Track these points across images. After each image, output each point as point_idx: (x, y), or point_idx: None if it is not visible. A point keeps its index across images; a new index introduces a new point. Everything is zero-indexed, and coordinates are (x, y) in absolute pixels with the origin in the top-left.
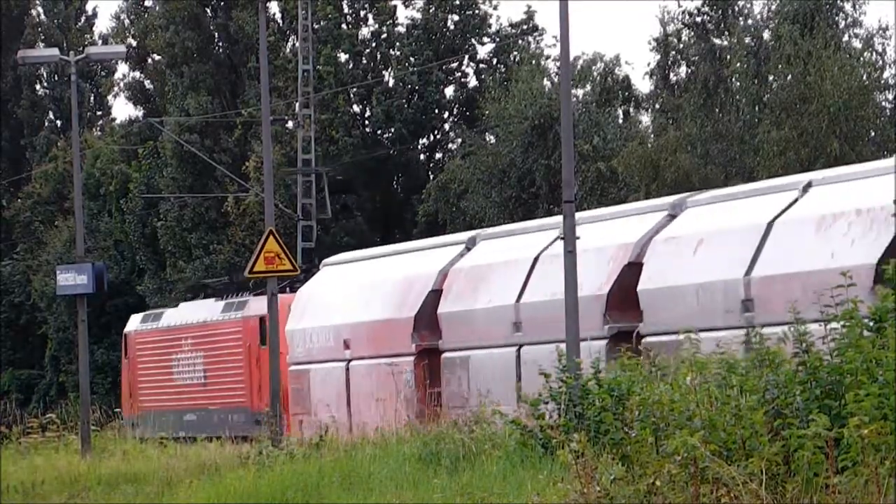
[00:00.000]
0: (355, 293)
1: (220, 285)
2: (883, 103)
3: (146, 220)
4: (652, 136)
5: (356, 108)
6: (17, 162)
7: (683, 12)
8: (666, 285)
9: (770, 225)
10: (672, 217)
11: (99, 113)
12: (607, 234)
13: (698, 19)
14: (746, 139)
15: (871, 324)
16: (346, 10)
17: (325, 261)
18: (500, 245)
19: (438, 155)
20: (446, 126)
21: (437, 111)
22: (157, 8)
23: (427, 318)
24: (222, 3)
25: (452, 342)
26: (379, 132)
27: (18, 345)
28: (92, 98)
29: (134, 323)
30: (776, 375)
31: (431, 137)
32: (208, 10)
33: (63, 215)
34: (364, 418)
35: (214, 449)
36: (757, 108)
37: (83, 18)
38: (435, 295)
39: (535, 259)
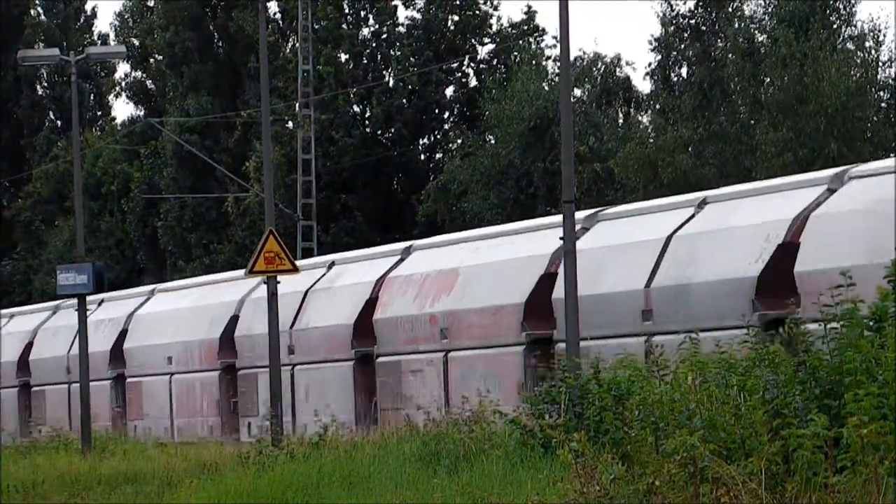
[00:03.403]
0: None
1: None
2: (882, 103)
3: (147, 219)
4: (652, 136)
5: (356, 109)
6: (17, 162)
7: (677, 14)
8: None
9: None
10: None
11: (99, 113)
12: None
13: (692, 21)
14: (744, 140)
15: (871, 324)
16: (346, 10)
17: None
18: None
19: (438, 155)
20: (446, 126)
21: (437, 111)
22: (159, 7)
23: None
24: (222, 4)
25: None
26: (379, 132)
27: None
28: (92, 98)
29: None
30: (776, 375)
31: (431, 138)
32: (208, 11)
33: (63, 215)
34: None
35: (214, 449)
36: (753, 110)
37: (83, 18)
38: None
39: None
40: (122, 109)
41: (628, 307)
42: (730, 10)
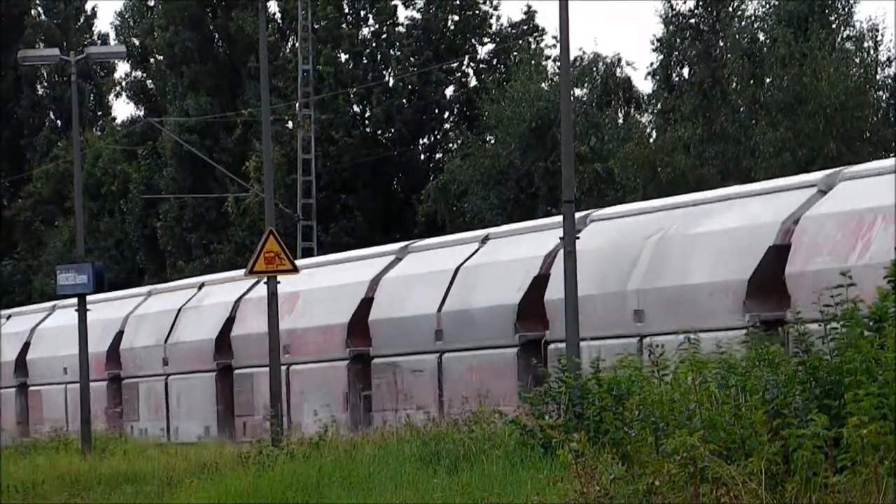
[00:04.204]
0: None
1: None
2: (881, 103)
3: (146, 220)
4: (653, 136)
5: (356, 109)
6: (17, 162)
7: (677, 14)
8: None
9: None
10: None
11: (99, 113)
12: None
13: (692, 21)
14: (742, 140)
15: (871, 324)
16: (346, 10)
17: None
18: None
19: (438, 155)
20: (446, 126)
21: (437, 111)
22: (159, 7)
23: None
24: (222, 4)
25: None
26: (379, 132)
27: None
28: (92, 98)
29: None
30: (776, 375)
31: (431, 138)
32: (208, 11)
33: (63, 215)
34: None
35: (214, 449)
36: (752, 110)
37: (83, 18)
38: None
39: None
40: (122, 109)
41: (424, 327)
42: (730, 9)
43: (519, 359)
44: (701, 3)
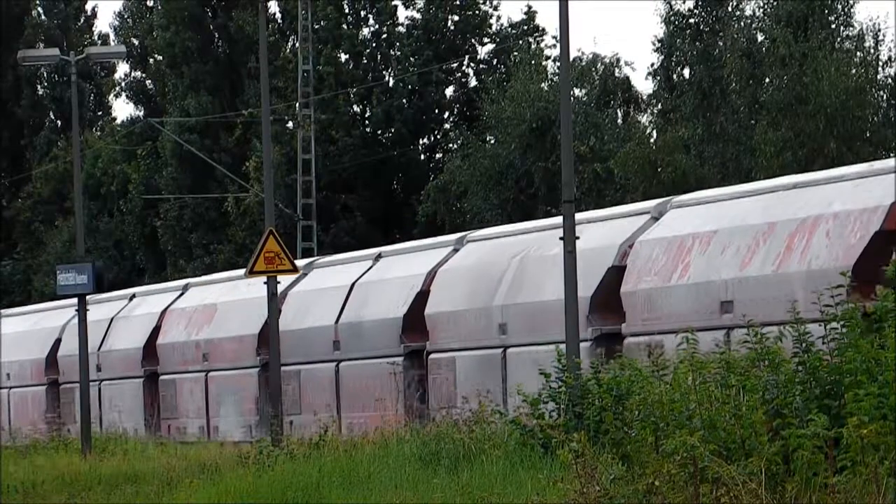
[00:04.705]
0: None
1: None
2: (881, 103)
3: (146, 220)
4: (653, 136)
5: (356, 109)
6: (17, 162)
7: (676, 14)
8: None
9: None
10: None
11: (99, 113)
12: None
13: (692, 21)
14: (743, 140)
15: (871, 324)
16: (346, 10)
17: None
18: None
19: (438, 155)
20: (446, 126)
21: (437, 111)
22: (159, 7)
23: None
24: (222, 3)
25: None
26: (379, 132)
27: None
28: (92, 98)
29: None
30: (776, 375)
31: (431, 138)
32: (208, 11)
33: (63, 215)
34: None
35: (214, 449)
36: (752, 110)
37: (83, 18)
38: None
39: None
40: (122, 109)
41: (323, 338)
42: (729, 9)
43: (404, 367)
44: (700, 3)
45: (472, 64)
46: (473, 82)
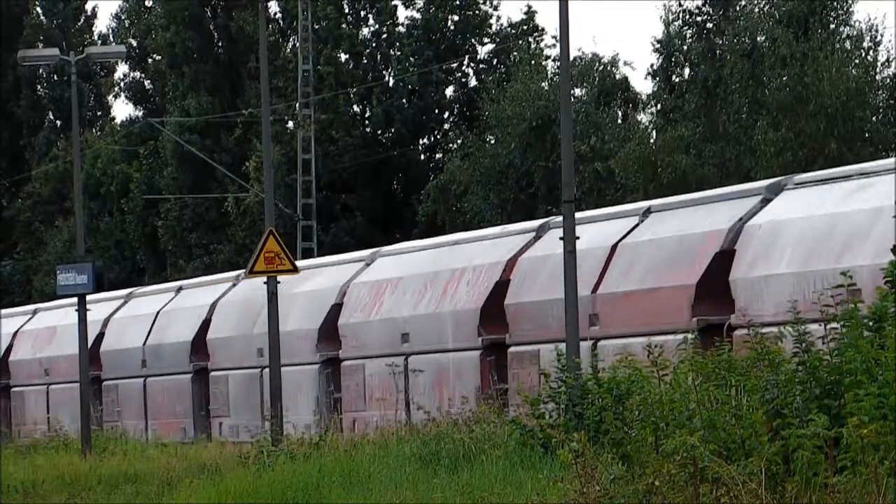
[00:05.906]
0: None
1: None
2: (881, 103)
3: (146, 219)
4: (653, 135)
5: (356, 109)
6: (17, 162)
7: (684, 11)
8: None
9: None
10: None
11: (99, 113)
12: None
13: (699, 19)
14: (743, 140)
15: (871, 324)
16: (346, 10)
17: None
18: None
19: (438, 155)
20: (446, 126)
21: (437, 111)
22: (158, 8)
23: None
24: (222, 3)
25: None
26: (379, 132)
27: None
28: (92, 98)
29: None
30: (776, 375)
31: (431, 138)
32: (208, 11)
33: (63, 215)
34: None
35: (214, 449)
36: (752, 110)
37: (83, 18)
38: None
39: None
40: (122, 109)
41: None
42: (737, 8)
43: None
44: (708, 1)
45: (472, 64)
46: (473, 82)
